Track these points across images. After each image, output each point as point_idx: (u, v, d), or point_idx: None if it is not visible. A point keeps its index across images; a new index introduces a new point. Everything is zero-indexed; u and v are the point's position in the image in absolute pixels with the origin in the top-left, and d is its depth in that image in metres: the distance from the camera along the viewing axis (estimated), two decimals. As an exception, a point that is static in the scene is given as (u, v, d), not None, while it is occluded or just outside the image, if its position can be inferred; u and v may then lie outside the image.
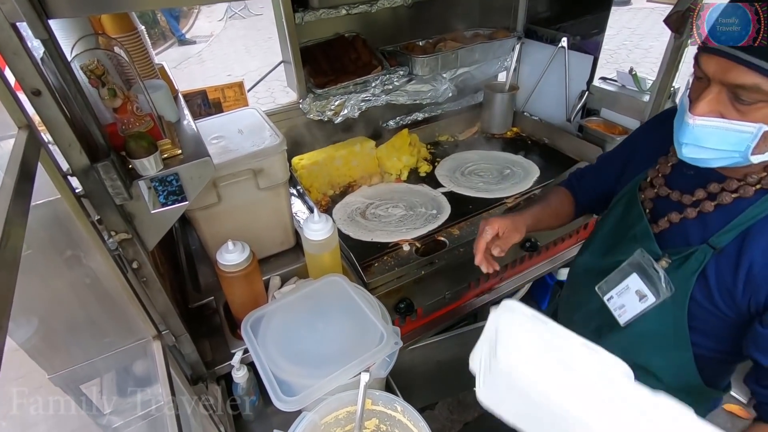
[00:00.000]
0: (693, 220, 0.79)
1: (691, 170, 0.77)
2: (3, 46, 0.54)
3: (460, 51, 1.71)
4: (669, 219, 0.82)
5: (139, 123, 0.79)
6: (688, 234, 0.79)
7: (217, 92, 1.47)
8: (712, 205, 0.76)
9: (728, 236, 0.73)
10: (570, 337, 0.63)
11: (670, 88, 1.48)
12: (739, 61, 0.62)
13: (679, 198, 0.81)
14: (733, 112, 0.66)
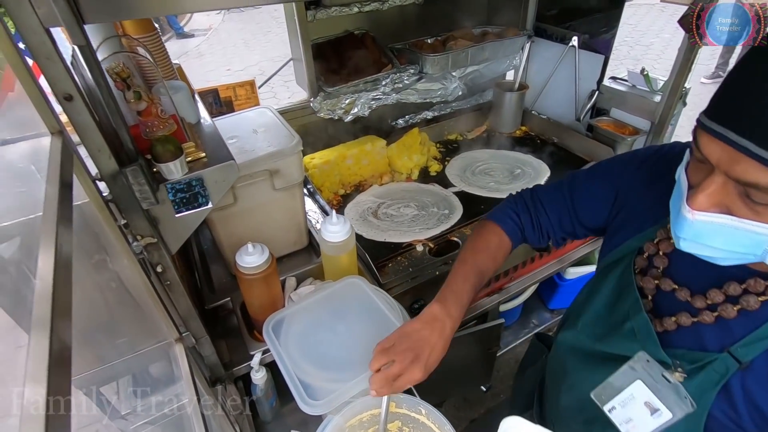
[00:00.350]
0: (709, 324, 0.63)
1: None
2: (36, 50, 0.53)
3: (471, 49, 1.70)
4: (678, 321, 0.66)
5: (163, 126, 0.78)
6: (703, 336, 0.64)
7: (228, 90, 1.46)
8: (735, 310, 0.60)
9: (756, 348, 0.58)
10: None
11: (682, 89, 1.49)
12: (749, 154, 0.46)
13: (689, 298, 0.65)
14: (744, 209, 0.51)
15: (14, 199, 0.68)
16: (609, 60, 1.67)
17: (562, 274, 1.85)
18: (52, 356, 0.31)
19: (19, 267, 0.61)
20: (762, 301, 0.59)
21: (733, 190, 0.51)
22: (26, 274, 0.55)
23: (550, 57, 1.84)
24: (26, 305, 0.67)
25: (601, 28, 1.68)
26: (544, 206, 0.90)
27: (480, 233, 0.92)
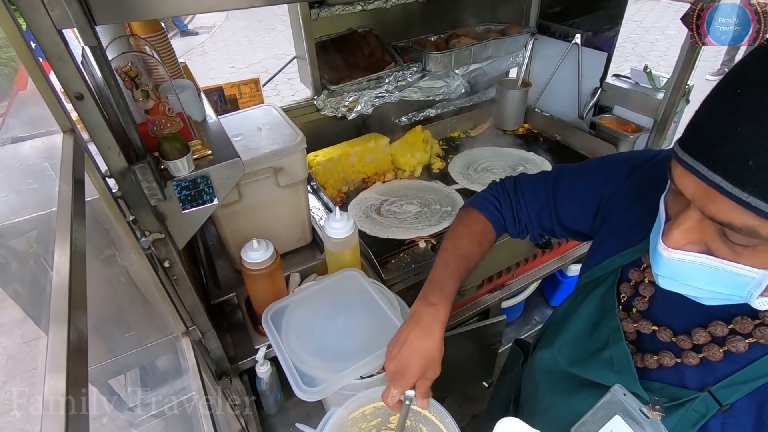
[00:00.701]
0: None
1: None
2: (49, 51, 0.55)
3: (474, 47, 1.71)
4: (660, 361, 0.62)
5: (170, 124, 0.80)
6: (684, 374, 0.60)
7: (233, 88, 1.48)
8: (721, 352, 0.56)
9: (739, 390, 0.55)
10: None
11: (685, 86, 1.49)
12: (722, 191, 0.42)
13: (672, 338, 0.61)
14: (723, 249, 0.47)
15: (28, 195, 0.70)
16: (612, 57, 1.67)
17: (564, 271, 1.86)
18: (70, 347, 0.33)
19: (36, 260, 0.63)
20: (749, 343, 0.55)
21: (710, 228, 0.47)
22: (44, 267, 0.57)
23: (553, 54, 1.84)
24: (42, 298, 0.69)
25: (604, 26, 1.68)
26: (526, 199, 0.86)
27: (462, 220, 0.88)
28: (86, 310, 0.39)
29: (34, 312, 0.68)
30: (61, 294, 0.36)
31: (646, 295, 0.65)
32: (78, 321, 0.35)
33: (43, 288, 0.59)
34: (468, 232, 0.85)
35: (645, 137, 1.64)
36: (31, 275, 0.64)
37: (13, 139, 0.84)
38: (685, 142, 0.46)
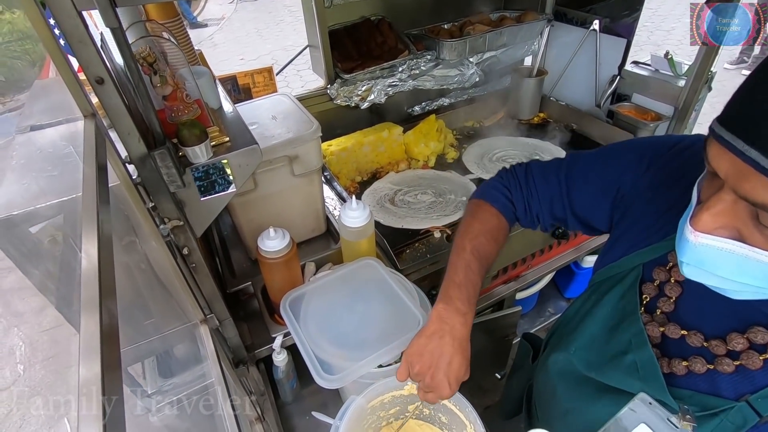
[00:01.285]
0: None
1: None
2: (69, 34, 0.54)
3: (489, 35, 1.68)
4: (690, 367, 0.58)
5: (188, 110, 0.79)
6: (717, 382, 0.56)
7: (246, 78, 1.47)
8: (761, 360, 0.52)
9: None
10: None
11: (708, 73, 1.45)
12: (759, 168, 0.40)
13: (704, 343, 0.57)
14: (757, 235, 0.44)
15: (50, 181, 0.70)
16: (631, 44, 1.63)
17: (579, 262, 1.84)
18: (103, 331, 0.32)
19: (62, 246, 0.63)
20: None
21: (744, 211, 0.44)
22: (71, 252, 0.57)
23: (570, 42, 1.80)
24: (68, 283, 0.70)
25: (623, 11, 1.64)
26: (537, 187, 0.82)
27: (475, 215, 0.83)
28: (116, 295, 0.39)
29: (58, 298, 0.68)
30: (91, 280, 0.36)
31: (672, 296, 0.61)
32: (109, 305, 0.35)
33: (69, 274, 0.59)
34: (485, 230, 0.81)
35: (665, 126, 1.60)
36: (54, 261, 0.64)
37: (33, 126, 0.84)
38: (724, 118, 0.44)
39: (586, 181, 0.76)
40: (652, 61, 1.64)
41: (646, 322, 0.63)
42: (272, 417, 1.09)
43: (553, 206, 0.81)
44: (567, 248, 1.67)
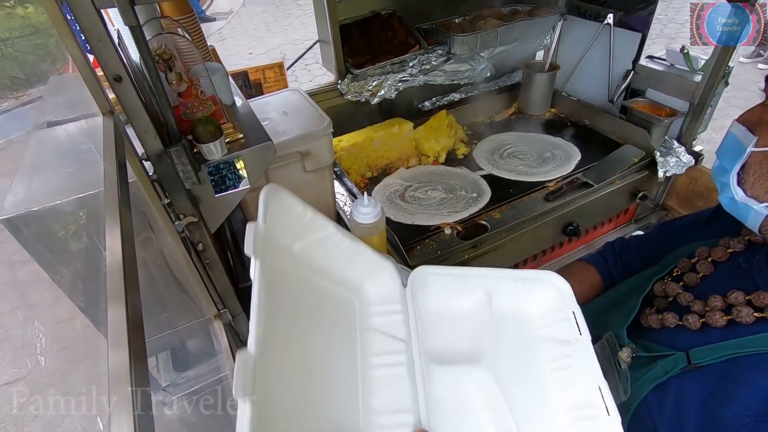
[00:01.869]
0: (693, 330, 0.63)
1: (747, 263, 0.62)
2: (89, 32, 0.55)
3: (501, 29, 1.66)
4: (663, 320, 0.67)
5: (203, 107, 0.79)
6: (678, 338, 0.65)
7: (258, 73, 1.47)
8: (724, 320, 0.59)
9: (714, 355, 0.58)
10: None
11: (726, 68, 1.42)
12: None
13: (690, 301, 0.66)
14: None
15: (67, 177, 0.71)
16: (646, 38, 1.60)
17: (590, 259, 1.83)
18: (129, 322, 0.33)
19: (82, 241, 0.64)
20: (757, 317, 0.57)
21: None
22: (94, 247, 0.58)
23: (583, 36, 1.77)
24: (90, 277, 0.71)
25: (638, 5, 1.61)
26: (630, 245, 0.94)
27: (569, 270, 0.97)
28: (139, 288, 0.39)
29: (77, 292, 0.70)
30: (116, 273, 0.37)
31: (701, 272, 0.69)
32: (133, 298, 0.36)
33: (91, 269, 0.60)
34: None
35: (680, 122, 1.58)
36: (75, 256, 0.65)
37: (50, 122, 0.85)
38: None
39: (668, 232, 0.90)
40: (667, 56, 1.61)
41: (664, 286, 0.72)
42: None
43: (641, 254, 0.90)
44: (578, 245, 1.66)
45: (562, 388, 0.60)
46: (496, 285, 0.71)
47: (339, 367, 0.59)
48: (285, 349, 0.51)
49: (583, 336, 0.62)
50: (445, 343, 0.66)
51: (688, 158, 1.54)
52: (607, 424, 0.54)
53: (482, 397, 0.62)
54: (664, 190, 1.75)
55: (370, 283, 0.68)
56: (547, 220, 1.39)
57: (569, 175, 1.50)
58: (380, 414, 0.56)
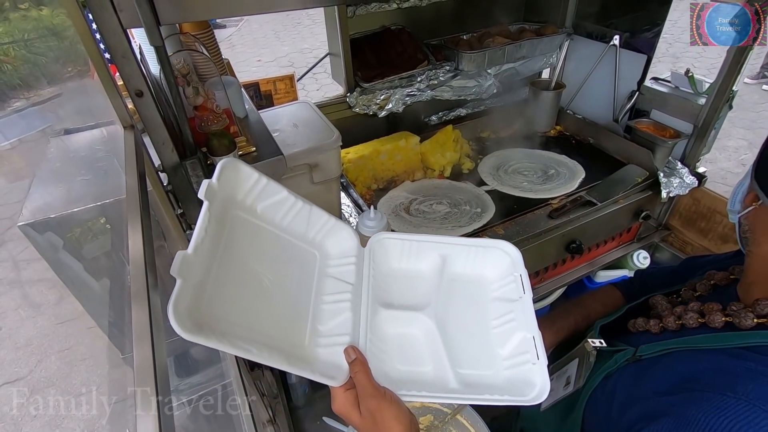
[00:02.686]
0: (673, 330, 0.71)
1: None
2: (114, 49, 0.57)
3: (508, 47, 1.69)
4: (635, 324, 0.76)
5: (217, 120, 0.82)
6: (640, 337, 0.74)
7: (269, 84, 1.50)
8: (698, 321, 0.67)
9: (656, 349, 0.67)
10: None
11: (730, 92, 1.44)
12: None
13: (663, 310, 0.74)
14: None
15: (84, 185, 0.72)
16: (652, 60, 1.62)
17: (592, 276, 1.83)
18: (152, 320, 0.35)
19: (111, 244, 0.66)
20: (701, 321, 0.65)
21: None
22: (115, 253, 0.59)
23: (589, 55, 1.80)
24: (112, 282, 0.72)
25: (644, 26, 1.64)
26: (655, 275, 1.00)
27: (597, 293, 1.05)
28: (158, 290, 0.42)
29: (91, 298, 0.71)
30: (139, 276, 0.39)
31: (698, 292, 0.75)
32: (154, 299, 0.38)
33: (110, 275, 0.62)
34: (591, 295, 1.03)
35: (683, 143, 1.59)
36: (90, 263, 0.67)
37: (67, 129, 0.88)
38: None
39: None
40: (672, 78, 1.64)
41: (655, 299, 0.79)
42: (284, 420, 1.11)
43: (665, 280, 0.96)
44: (580, 263, 1.67)
45: (503, 339, 0.70)
46: (451, 251, 0.79)
47: (293, 298, 0.68)
48: (235, 269, 0.60)
49: (526, 294, 0.71)
50: (396, 295, 0.76)
51: (691, 179, 1.56)
52: (536, 368, 0.64)
53: (423, 339, 0.71)
54: (667, 210, 1.76)
55: (330, 241, 0.76)
56: (550, 237, 1.40)
57: (573, 193, 1.52)
58: (323, 336, 0.66)
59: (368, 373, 0.60)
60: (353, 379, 0.60)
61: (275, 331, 0.61)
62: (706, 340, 0.62)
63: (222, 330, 0.52)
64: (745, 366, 0.57)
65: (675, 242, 1.86)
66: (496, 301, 0.75)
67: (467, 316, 0.74)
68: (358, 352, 0.63)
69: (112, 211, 0.67)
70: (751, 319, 0.59)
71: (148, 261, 0.42)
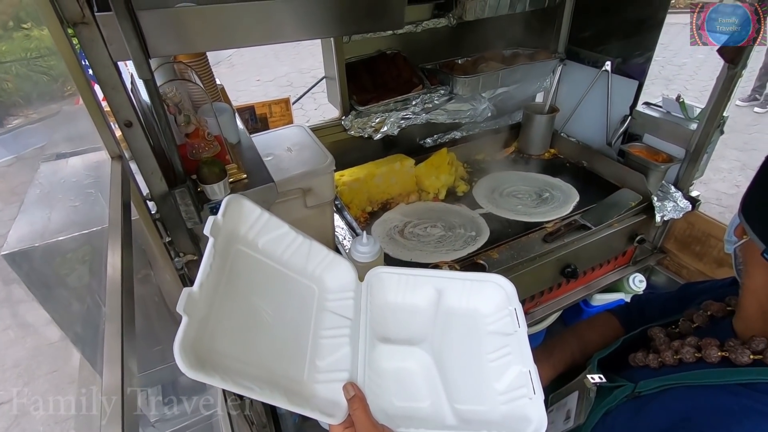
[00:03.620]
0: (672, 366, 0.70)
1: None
2: (104, 81, 0.57)
3: (502, 72, 1.71)
4: (635, 358, 0.75)
5: (209, 147, 0.82)
6: (640, 372, 0.72)
7: (264, 107, 1.51)
8: (695, 357, 0.66)
9: (654, 385, 0.66)
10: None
11: (720, 118, 1.46)
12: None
13: (661, 344, 0.73)
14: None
15: (73, 212, 0.72)
16: (643, 85, 1.65)
17: (589, 300, 1.82)
18: (123, 360, 0.34)
19: (81, 278, 0.65)
20: (698, 357, 0.65)
21: None
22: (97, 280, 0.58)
23: (582, 80, 1.83)
24: (91, 312, 0.71)
25: (635, 53, 1.66)
26: (653, 301, 0.99)
27: (594, 321, 1.03)
28: (135, 325, 0.41)
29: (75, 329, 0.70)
30: (114, 306, 0.38)
31: (696, 323, 0.74)
32: (128, 329, 0.37)
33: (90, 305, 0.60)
34: (587, 324, 1.01)
35: (676, 167, 1.60)
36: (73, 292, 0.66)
37: (58, 154, 0.87)
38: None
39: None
40: (663, 103, 1.66)
41: (654, 331, 0.78)
42: (273, 451, 1.08)
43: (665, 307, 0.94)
44: (576, 286, 1.65)
45: (499, 373, 0.70)
46: (446, 284, 0.80)
47: (292, 332, 0.69)
48: (236, 303, 0.61)
49: (521, 328, 0.72)
50: (394, 329, 0.76)
51: (685, 203, 1.56)
52: (533, 403, 0.64)
53: (420, 373, 0.71)
54: (662, 234, 1.76)
55: (328, 275, 0.77)
56: (544, 261, 1.39)
57: (568, 216, 1.52)
58: (322, 372, 0.66)
59: (367, 410, 0.60)
60: (352, 416, 0.60)
61: (275, 365, 0.61)
62: (703, 376, 0.62)
63: (224, 366, 0.52)
64: (741, 403, 0.56)
65: (671, 265, 1.86)
66: (491, 335, 0.76)
67: (463, 349, 0.74)
68: (357, 388, 0.63)
69: (96, 240, 0.66)
70: (747, 356, 0.59)
71: (125, 289, 0.41)
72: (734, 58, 1.32)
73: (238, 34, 0.60)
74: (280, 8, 0.59)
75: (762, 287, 0.59)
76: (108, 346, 0.38)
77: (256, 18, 0.58)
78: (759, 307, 0.61)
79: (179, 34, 0.56)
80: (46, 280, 0.72)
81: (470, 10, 1.52)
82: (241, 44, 0.60)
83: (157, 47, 0.55)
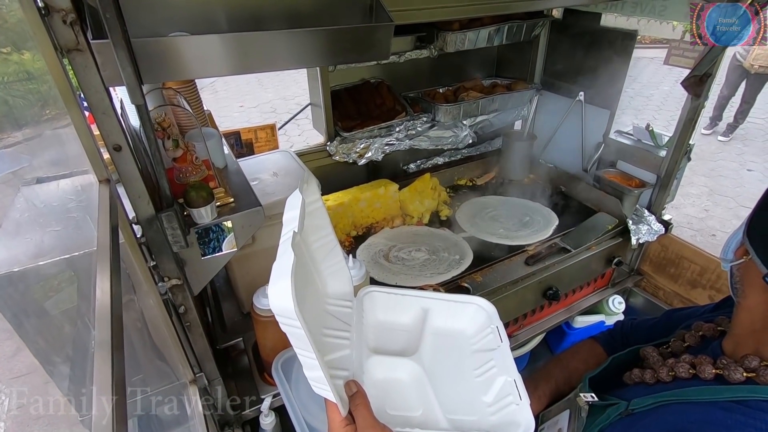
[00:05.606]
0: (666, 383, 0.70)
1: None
2: (95, 106, 0.58)
3: (482, 100, 1.78)
4: (631, 376, 0.75)
5: (196, 171, 0.82)
6: (633, 390, 0.73)
7: (250, 133, 1.52)
8: (690, 373, 0.66)
9: (647, 402, 0.66)
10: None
11: (687, 146, 1.54)
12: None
13: (654, 362, 0.73)
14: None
15: (54, 237, 0.70)
16: (615, 114, 1.73)
17: (571, 322, 1.84)
18: (114, 383, 0.33)
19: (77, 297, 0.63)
20: (692, 373, 0.65)
21: None
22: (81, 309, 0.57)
23: (558, 109, 1.91)
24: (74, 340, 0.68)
25: (606, 84, 1.76)
26: (638, 328, 1.00)
27: (578, 349, 1.03)
28: (123, 349, 0.40)
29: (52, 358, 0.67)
30: (104, 331, 0.37)
31: (687, 343, 0.75)
32: (118, 356, 0.37)
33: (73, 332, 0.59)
34: (572, 351, 1.01)
35: (649, 192, 1.67)
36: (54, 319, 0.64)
37: (39, 178, 0.86)
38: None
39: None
40: (634, 132, 1.74)
41: (646, 351, 0.79)
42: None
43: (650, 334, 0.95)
44: (558, 308, 1.68)
45: (486, 387, 0.73)
46: (432, 305, 0.83)
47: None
48: None
49: (504, 343, 0.75)
50: (384, 343, 0.79)
51: (658, 226, 1.62)
52: (519, 408, 0.68)
53: (411, 384, 0.73)
54: (638, 257, 1.81)
55: (333, 280, 0.78)
56: (527, 284, 1.41)
57: (548, 239, 1.56)
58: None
59: (368, 406, 0.61)
60: (353, 412, 0.60)
61: None
62: (697, 393, 0.63)
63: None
64: (734, 418, 0.57)
65: (648, 287, 1.91)
66: (476, 353, 0.78)
67: (450, 366, 0.77)
68: (359, 385, 0.64)
69: (80, 265, 0.65)
70: (740, 373, 0.60)
71: (114, 315, 0.40)
72: (697, 91, 1.41)
73: (230, 62, 0.62)
74: (272, 38, 0.62)
75: (756, 306, 0.61)
76: (98, 373, 0.37)
77: (249, 47, 0.60)
78: (751, 325, 0.63)
79: (172, 62, 0.58)
80: (24, 307, 0.70)
81: (451, 43, 1.59)
82: (232, 72, 0.61)
83: (150, 74, 0.56)
